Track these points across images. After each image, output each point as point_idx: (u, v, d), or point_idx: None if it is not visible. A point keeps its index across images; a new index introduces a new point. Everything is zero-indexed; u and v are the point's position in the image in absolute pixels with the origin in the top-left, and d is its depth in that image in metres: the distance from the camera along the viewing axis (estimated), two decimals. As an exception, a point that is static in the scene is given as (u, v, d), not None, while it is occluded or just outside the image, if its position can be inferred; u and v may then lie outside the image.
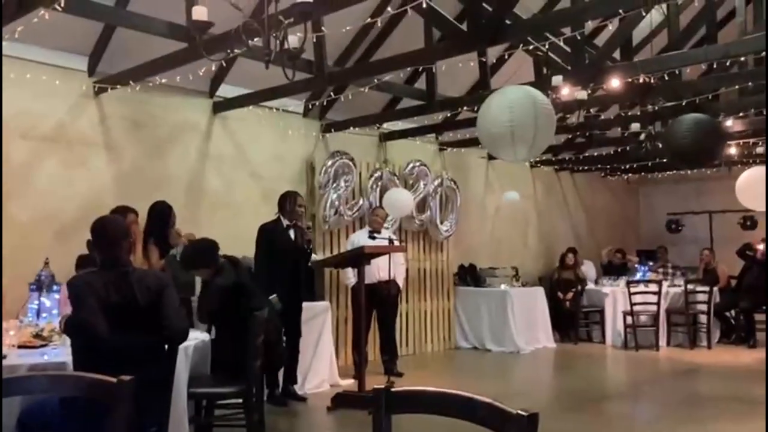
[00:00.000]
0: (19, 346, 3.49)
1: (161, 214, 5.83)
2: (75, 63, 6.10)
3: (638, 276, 9.89)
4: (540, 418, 1.49)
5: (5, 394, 1.93)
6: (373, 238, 6.37)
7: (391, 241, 6.37)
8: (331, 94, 7.48)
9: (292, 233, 5.93)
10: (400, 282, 7.27)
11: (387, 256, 6.31)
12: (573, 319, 9.70)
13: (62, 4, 4.36)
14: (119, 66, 6.03)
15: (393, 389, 1.72)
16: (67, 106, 6.10)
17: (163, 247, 5.75)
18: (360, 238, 6.89)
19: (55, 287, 4.10)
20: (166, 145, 6.75)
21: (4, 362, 3.11)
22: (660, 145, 7.62)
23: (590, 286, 10.08)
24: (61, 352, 3.36)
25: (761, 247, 9.54)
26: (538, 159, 10.29)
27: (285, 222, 5.97)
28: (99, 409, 1.90)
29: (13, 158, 5.76)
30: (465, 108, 7.58)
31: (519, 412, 1.47)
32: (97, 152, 6.28)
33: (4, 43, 5.15)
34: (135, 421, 1.91)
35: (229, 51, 4.99)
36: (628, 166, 11.18)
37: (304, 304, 6.03)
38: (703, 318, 9.19)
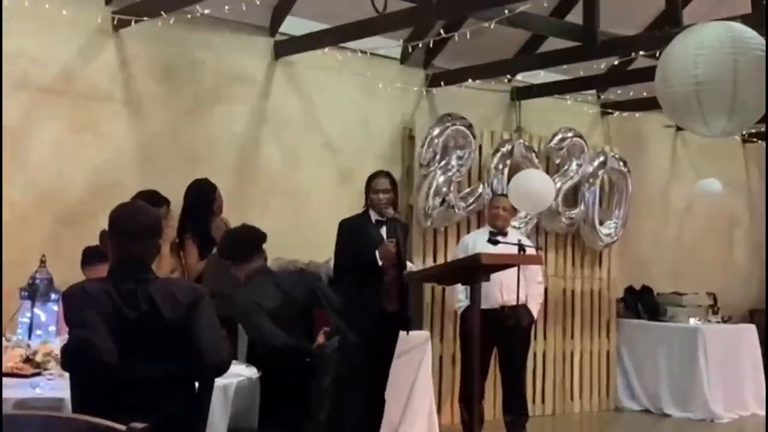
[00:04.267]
0: (5, 374, 3.67)
1: (202, 197, 6.01)
2: (88, -13, 6.44)
3: None
4: None
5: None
6: (496, 242, 6.38)
7: (522, 248, 6.36)
8: (442, 31, 7.53)
9: (384, 231, 6.06)
10: (535, 309, 7.24)
11: (515, 269, 6.32)
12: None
13: None
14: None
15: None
16: (77, 46, 6.42)
17: (204, 243, 5.94)
18: (476, 241, 6.92)
19: (53, 295, 4.34)
20: (209, 101, 7.01)
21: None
22: None
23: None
24: (58, 385, 3.58)
25: None
26: (753, 130, 9.96)
27: (374, 216, 6.11)
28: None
29: (4, 116, 5.98)
30: (642, 53, 7.44)
31: None
32: (114, 110, 6.59)
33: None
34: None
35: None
36: None
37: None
38: None
